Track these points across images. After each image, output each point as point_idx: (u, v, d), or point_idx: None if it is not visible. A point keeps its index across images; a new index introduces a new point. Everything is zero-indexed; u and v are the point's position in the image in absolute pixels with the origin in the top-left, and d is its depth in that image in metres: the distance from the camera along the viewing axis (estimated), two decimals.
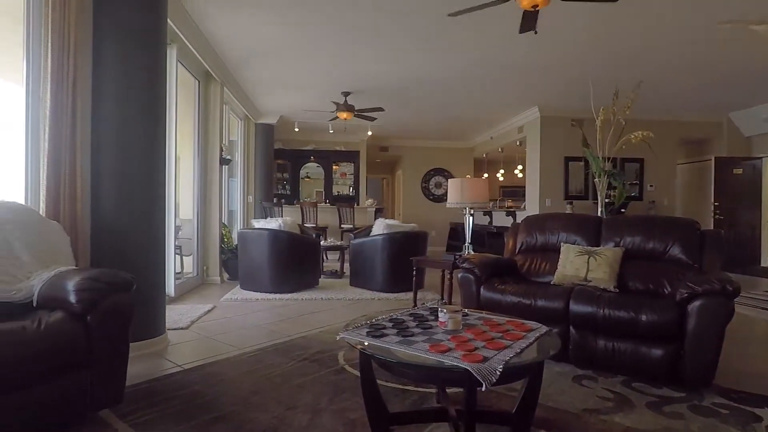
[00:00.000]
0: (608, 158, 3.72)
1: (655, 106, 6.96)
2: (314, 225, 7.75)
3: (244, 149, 7.74)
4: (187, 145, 5.27)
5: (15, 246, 2.05)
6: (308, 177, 10.46)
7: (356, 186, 10.26)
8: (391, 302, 4.44)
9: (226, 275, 5.66)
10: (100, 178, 2.69)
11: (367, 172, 10.48)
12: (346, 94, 6.57)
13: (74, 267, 2.12)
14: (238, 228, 7.04)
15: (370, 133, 9.08)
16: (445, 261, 3.66)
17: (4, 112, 2.84)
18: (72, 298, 1.75)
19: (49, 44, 2.45)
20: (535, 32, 3.37)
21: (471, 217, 3.76)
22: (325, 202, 9.74)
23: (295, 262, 4.82)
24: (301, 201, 9.22)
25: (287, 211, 8.10)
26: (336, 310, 4.08)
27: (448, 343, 1.57)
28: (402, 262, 4.86)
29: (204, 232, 5.37)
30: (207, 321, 3.61)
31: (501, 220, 8.72)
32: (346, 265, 6.03)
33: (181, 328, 3.30)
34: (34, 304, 1.93)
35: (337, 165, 10.34)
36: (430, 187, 10.96)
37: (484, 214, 9.27)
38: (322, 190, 10.38)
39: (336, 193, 10.31)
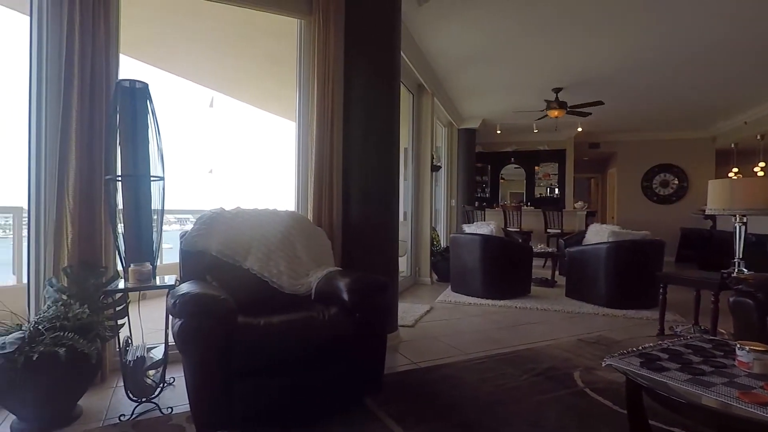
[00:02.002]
0: None
1: None
2: (518, 229, 7.49)
3: (448, 155, 7.99)
4: (402, 155, 5.71)
5: (297, 247, 2.52)
6: (504, 179, 10.19)
7: (561, 187, 9.53)
8: (619, 320, 3.92)
9: (435, 276, 5.92)
10: (349, 193, 3.09)
11: (574, 171, 9.61)
12: (557, 90, 6.13)
13: (338, 268, 2.48)
14: (441, 231, 7.32)
15: (580, 129, 8.30)
16: (707, 279, 3.02)
17: (284, 144, 3.55)
18: (345, 297, 2.03)
19: (315, 84, 2.94)
20: None
21: (743, 227, 3.02)
22: (527, 205, 9.33)
23: (507, 268, 4.72)
24: (503, 204, 9.04)
25: (488, 215, 8.04)
26: (554, 323, 3.81)
27: (764, 393, 1.25)
28: (630, 275, 4.27)
29: (416, 235, 5.73)
30: (427, 321, 3.81)
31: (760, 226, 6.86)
32: (556, 273, 5.63)
33: (408, 326, 3.56)
34: (312, 297, 2.33)
35: (539, 166, 9.79)
36: (654, 186, 9.39)
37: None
38: (523, 191, 9.97)
39: (538, 195, 9.77)
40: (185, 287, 1.84)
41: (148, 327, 2.38)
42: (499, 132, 8.68)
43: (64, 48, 2.26)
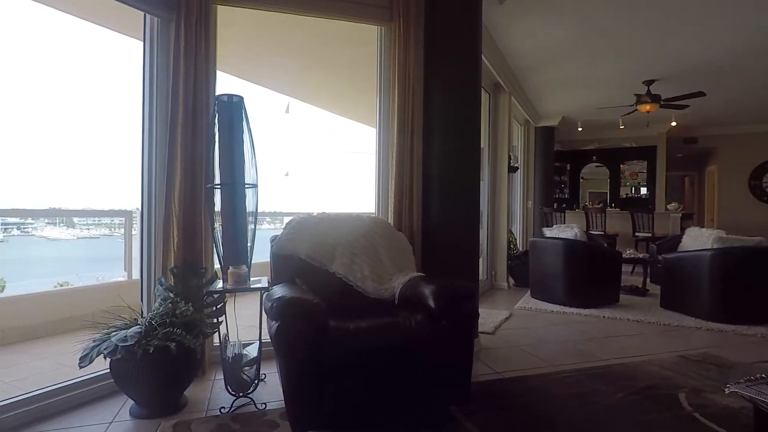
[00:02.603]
0: None
1: None
2: (602, 232, 7.02)
3: (524, 154, 7.69)
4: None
5: (380, 252, 2.55)
6: (584, 178, 9.60)
7: (650, 186, 8.80)
8: (728, 336, 3.52)
9: (511, 281, 5.73)
10: (429, 197, 3.06)
11: (666, 169, 8.82)
12: (649, 82, 5.67)
13: (421, 274, 2.47)
14: (517, 234, 7.05)
15: (674, 123, 7.60)
16: None
17: (358, 147, 3.62)
18: (431, 303, 2.01)
19: (396, 89, 2.96)
20: None
21: None
22: (610, 206, 8.72)
23: (592, 274, 4.44)
24: (585, 205, 8.53)
25: (569, 217, 7.63)
26: (649, 337, 3.51)
27: None
28: (740, 286, 3.83)
29: (493, 238, 5.58)
30: (508, 328, 3.69)
31: None
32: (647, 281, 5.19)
33: (488, 333, 3.47)
34: (396, 302, 2.34)
35: (624, 164, 9.12)
36: (764, 185, 8.35)
37: None
38: (606, 191, 9.35)
39: (624, 196, 9.10)
40: (279, 291, 1.93)
41: (239, 323, 2.53)
42: (580, 129, 8.22)
43: (171, 68, 2.48)
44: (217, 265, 2.56)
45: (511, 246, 5.88)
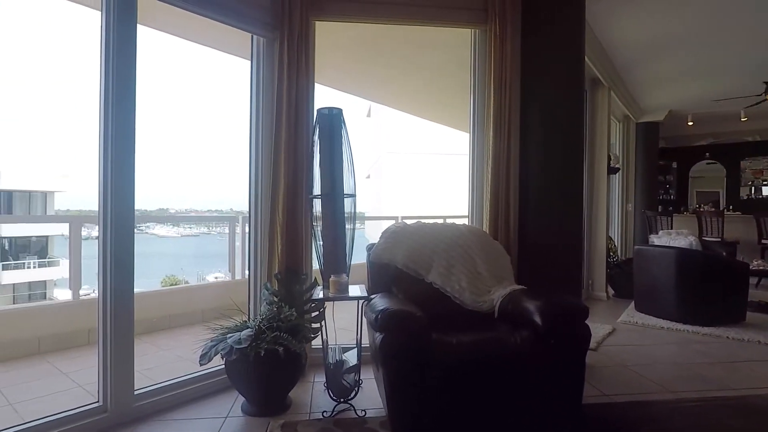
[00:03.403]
0: None
1: None
2: (718, 238, 6.25)
3: (623, 152, 7.09)
4: None
5: (477, 262, 2.47)
6: (692, 177, 8.61)
7: None
8: None
9: (611, 291, 5.30)
10: (526, 203, 2.93)
11: None
12: None
13: (522, 287, 2.35)
14: (616, 239, 6.51)
15: None
16: None
17: (442, 149, 3.56)
18: (538, 320, 1.91)
19: (491, 93, 2.86)
20: None
21: None
22: (728, 209, 7.74)
23: (711, 288, 3.95)
24: (696, 208, 7.67)
25: (677, 222, 6.89)
26: None
27: None
28: None
29: (590, 244, 5.20)
30: (612, 345, 3.41)
31: None
32: None
33: (591, 349, 3.21)
34: (495, 316, 2.26)
35: (746, 160, 8.04)
36: None
37: None
38: (721, 191, 8.32)
39: (744, 197, 8.03)
40: (381, 302, 1.95)
41: (336, 326, 2.60)
42: (690, 123, 7.39)
43: (275, 83, 2.62)
44: (315, 265, 2.67)
45: (611, 253, 5.44)
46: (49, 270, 18.06)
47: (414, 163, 15.94)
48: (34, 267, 17.83)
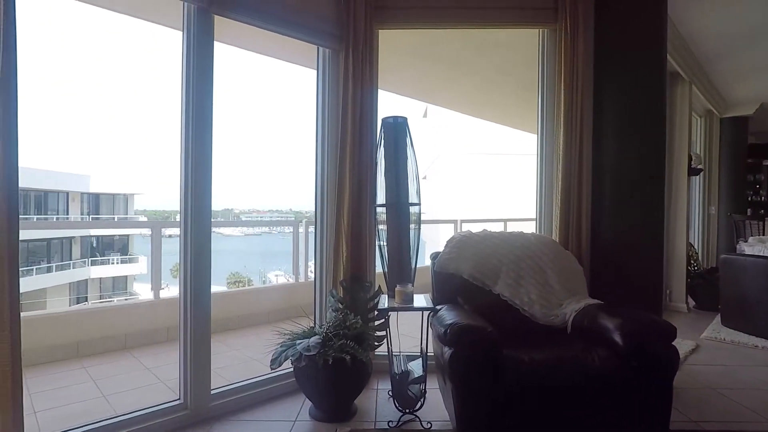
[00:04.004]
0: None
1: None
2: None
3: (706, 150, 6.51)
4: None
5: (548, 274, 2.37)
6: None
7: None
8: None
9: (691, 302, 4.88)
10: (599, 210, 2.77)
11: None
12: None
13: (597, 301, 2.22)
14: (697, 245, 5.98)
15: None
16: None
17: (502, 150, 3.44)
18: (618, 340, 1.79)
19: (562, 93, 2.73)
20: None
21: None
22: None
23: None
24: None
25: None
26: None
27: None
28: None
29: (669, 252, 4.82)
30: (697, 364, 3.13)
31: None
32: None
33: None
34: (568, 331, 2.15)
35: None
36: None
37: None
38: None
39: None
40: (449, 315, 1.92)
41: (398, 331, 2.60)
42: None
43: (341, 92, 2.66)
44: (378, 269, 2.68)
45: (691, 261, 5.01)
46: (129, 266, 19.69)
47: (472, 164, 15.65)
48: (117, 263, 19.49)
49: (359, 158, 2.65)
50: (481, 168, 15.45)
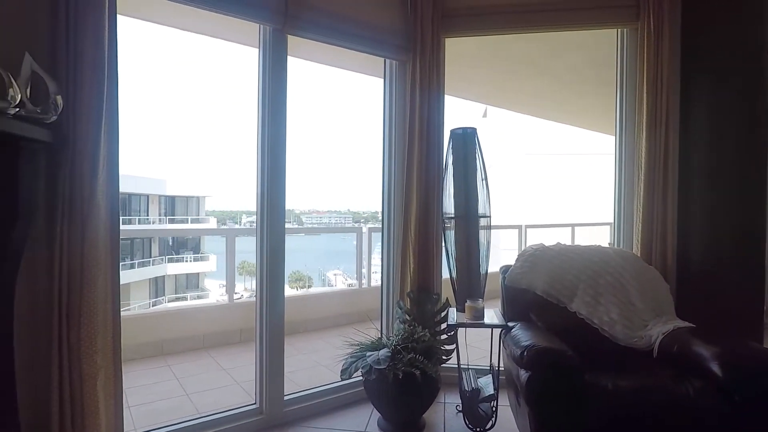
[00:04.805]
0: None
1: None
2: None
3: None
4: None
5: (630, 292, 2.22)
6: None
7: None
8: None
9: None
10: (686, 222, 2.56)
11: None
12: None
13: (688, 324, 2.05)
14: None
15: None
16: None
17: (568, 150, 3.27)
18: (716, 370, 1.63)
19: (644, 95, 2.55)
20: None
21: None
22: None
23: None
24: None
25: None
26: None
27: None
28: None
29: None
30: None
31: None
32: None
33: None
34: (654, 356, 2.00)
35: None
36: None
37: None
38: None
39: None
40: (524, 335, 1.85)
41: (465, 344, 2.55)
42: None
43: (407, 102, 2.65)
44: (445, 274, 2.65)
45: None
46: (201, 264, 21.01)
47: (533, 165, 15.09)
48: (191, 261, 20.86)
49: (426, 169, 2.64)
50: (543, 169, 14.86)
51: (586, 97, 5.47)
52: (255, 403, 2.35)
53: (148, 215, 20.25)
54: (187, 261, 20.66)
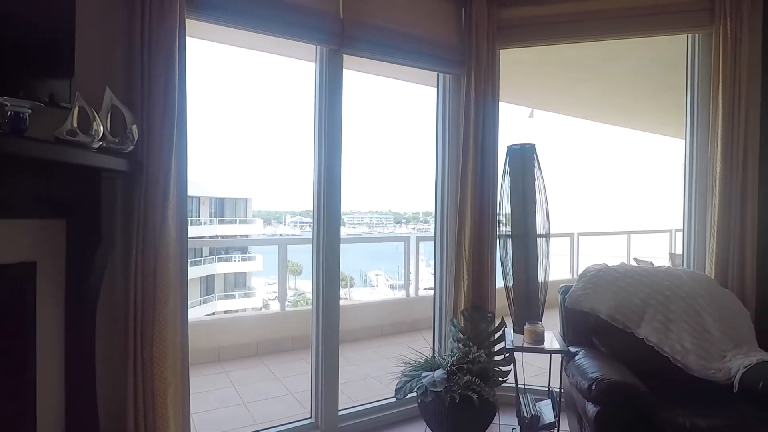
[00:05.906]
0: None
1: None
2: None
3: None
4: None
5: (705, 319, 2.07)
6: None
7: None
8: None
9: None
10: (766, 242, 2.36)
11: None
12: None
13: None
14: None
15: None
16: None
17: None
18: None
19: (720, 102, 2.38)
20: None
21: None
22: None
23: None
24: None
25: None
26: None
27: None
28: None
29: None
30: None
31: None
32: None
33: None
34: (735, 390, 1.85)
35: None
36: None
37: None
38: None
39: None
40: (590, 364, 1.77)
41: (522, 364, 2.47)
42: None
43: (462, 114, 2.61)
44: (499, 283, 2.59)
45: None
46: (248, 263, 21.74)
47: (584, 168, 14.48)
48: (239, 260, 21.62)
49: (481, 184, 2.59)
50: (595, 172, 14.24)
51: (642, 100, 5.21)
52: (311, 417, 2.39)
53: (199, 216, 21.17)
54: (235, 260, 21.42)
